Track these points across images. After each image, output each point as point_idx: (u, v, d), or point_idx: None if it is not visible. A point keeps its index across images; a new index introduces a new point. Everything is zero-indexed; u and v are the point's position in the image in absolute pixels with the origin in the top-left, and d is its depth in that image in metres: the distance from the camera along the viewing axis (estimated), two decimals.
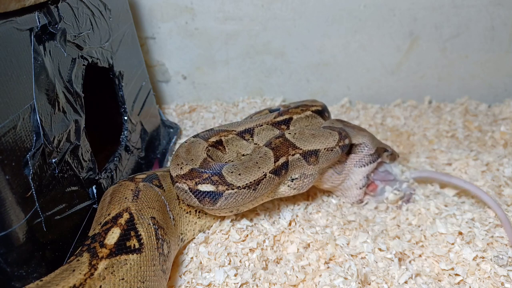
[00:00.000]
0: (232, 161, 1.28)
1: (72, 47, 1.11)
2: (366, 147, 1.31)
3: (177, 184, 1.09)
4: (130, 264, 0.84)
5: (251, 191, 1.09)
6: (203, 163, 1.11)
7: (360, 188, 1.34)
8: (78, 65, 1.13)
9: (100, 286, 0.77)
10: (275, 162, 1.13)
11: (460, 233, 1.21)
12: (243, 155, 1.29)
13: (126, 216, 0.91)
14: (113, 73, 1.42)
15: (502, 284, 1.07)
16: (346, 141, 1.26)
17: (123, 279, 0.81)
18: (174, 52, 2.11)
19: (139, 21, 2.01)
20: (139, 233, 0.90)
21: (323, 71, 2.17)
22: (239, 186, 1.07)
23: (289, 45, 2.10)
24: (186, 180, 1.06)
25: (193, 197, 1.07)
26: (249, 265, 1.15)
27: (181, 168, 1.09)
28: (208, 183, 1.05)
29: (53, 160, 0.94)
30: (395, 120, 2.05)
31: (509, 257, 1.12)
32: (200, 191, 1.05)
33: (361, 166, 1.31)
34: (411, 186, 1.40)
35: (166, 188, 1.13)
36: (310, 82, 2.21)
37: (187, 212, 1.17)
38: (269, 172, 1.11)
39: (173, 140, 1.82)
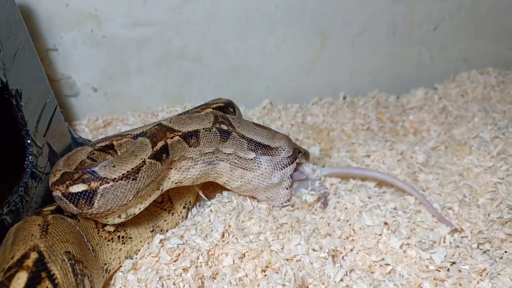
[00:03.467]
0: None
1: None
2: (284, 150, 1.30)
3: (53, 193, 1.00)
4: None
5: (130, 181, 1.00)
6: (78, 165, 1.03)
7: (287, 188, 1.34)
8: None
9: None
10: (153, 147, 1.07)
11: (386, 223, 1.26)
12: None
13: (34, 256, 0.80)
14: (9, 92, 1.26)
15: (427, 267, 1.14)
16: (223, 126, 1.24)
17: None
18: (81, 63, 1.94)
19: (37, 32, 1.82)
20: (52, 273, 0.79)
21: (242, 74, 2.16)
22: (115, 178, 0.98)
23: (205, 49, 2.05)
24: (58, 185, 0.97)
25: (69, 202, 0.97)
26: (183, 286, 1.08)
27: (54, 175, 1.00)
28: (79, 182, 0.96)
29: None
30: (315, 117, 2.10)
31: (431, 240, 1.20)
32: (72, 193, 0.96)
33: (282, 168, 1.30)
34: (323, 184, 1.43)
35: (81, 217, 1.02)
36: (231, 86, 2.18)
37: (108, 240, 1.07)
38: (148, 158, 1.04)
39: None
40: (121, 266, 1.14)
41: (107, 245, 1.07)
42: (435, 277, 1.12)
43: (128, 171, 0.99)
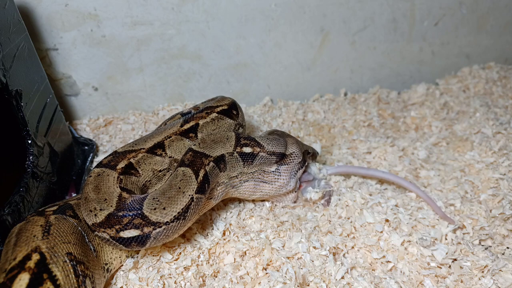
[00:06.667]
0: (149, 180, 1.19)
1: None
2: (296, 156, 1.30)
3: (96, 233, 0.98)
4: None
5: (180, 221, 1.02)
6: (119, 202, 0.98)
7: (295, 192, 1.36)
8: None
9: None
10: (196, 178, 1.06)
11: (387, 221, 1.26)
12: (160, 171, 1.21)
13: (35, 257, 0.80)
14: (9, 93, 1.26)
15: (428, 264, 1.13)
16: (246, 149, 1.22)
17: None
18: (81, 62, 1.95)
19: (37, 32, 1.82)
20: (53, 274, 0.80)
21: (242, 72, 2.15)
22: (167, 222, 0.99)
23: (205, 48, 2.05)
24: (105, 228, 0.95)
25: (118, 244, 0.97)
26: (185, 284, 1.09)
27: (95, 215, 0.96)
28: (131, 228, 0.95)
29: None
30: (316, 114, 2.10)
31: (432, 237, 1.19)
32: (124, 238, 0.96)
33: (295, 175, 1.31)
34: (328, 183, 1.43)
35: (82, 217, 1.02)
36: (231, 84, 2.18)
37: None
38: (195, 193, 1.04)
39: (89, 159, 1.68)
40: (122, 265, 1.14)
41: (108, 244, 1.07)
42: (436, 274, 1.11)
43: (178, 212, 1.00)
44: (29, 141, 1.32)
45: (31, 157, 1.31)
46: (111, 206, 0.97)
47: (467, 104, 2.11)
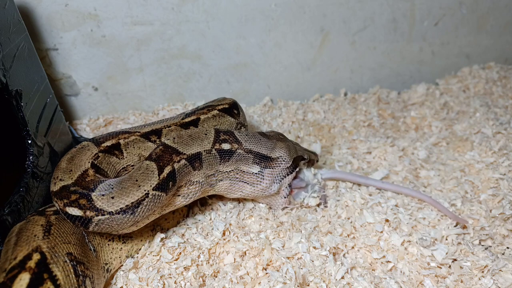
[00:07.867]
0: (132, 165, 1.16)
1: None
2: (284, 161, 1.26)
3: (53, 202, 0.98)
4: None
5: (127, 215, 0.95)
6: (80, 177, 0.96)
7: (284, 197, 1.33)
8: None
9: None
10: (159, 174, 1.01)
11: (387, 221, 1.26)
12: None
13: (36, 257, 0.80)
14: (9, 93, 1.26)
15: (428, 264, 1.13)
16: (225, 146, 1.18)
17: None
18: (81, 62, 1.95)
19: (37, 32, 1.82)
20: (54, 274, 0.80)
21: (242, 72, 2.16)
22: (111, 212, 0.93)
23: (205, 48, 2.05)
24: (56, 198, 0.95)
25: (66, 218, 0.96)
26: (185, 284, 1.09)
27: (54, 183, 0.96)
28: (75, 206, 0.93)
29: None
30: (316, 114, 2.10)
31: (432, 237, 1.19)
32: (69, 214, 0.94)
33: (280, 180, 1.27)
34: (322, 186, 1.42)
35: None
36: (231, 84, 2.18)
37: (109, 240, 1.07)
38: (153, 189, 0.98)
39: None
40: (122, 265, 1.14)
41: (108, 244, 1.07)
42: (436, 274, 1.12)
43: (127, 205, 0.94)
44: (29, 141, 1.32)
45: (31, 157, 1.31)
46: (71, 178, 0.96)
47: (467, 104, 2.11)
